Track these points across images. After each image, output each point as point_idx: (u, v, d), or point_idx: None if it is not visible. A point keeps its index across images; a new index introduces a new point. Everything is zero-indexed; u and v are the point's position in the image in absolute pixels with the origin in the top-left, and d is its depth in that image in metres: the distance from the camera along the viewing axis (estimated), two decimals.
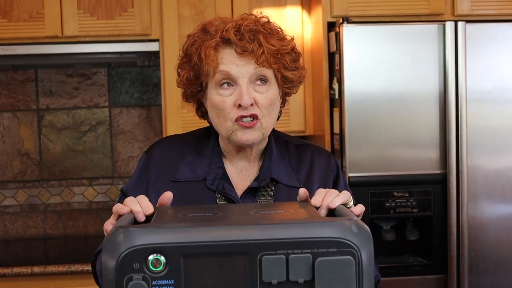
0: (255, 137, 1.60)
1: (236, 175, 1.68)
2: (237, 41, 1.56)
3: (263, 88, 1.59)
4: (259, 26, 1.58)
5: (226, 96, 1.58)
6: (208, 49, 1.57)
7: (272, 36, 1.59)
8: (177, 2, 3.28)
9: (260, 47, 1.56)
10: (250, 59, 1.56)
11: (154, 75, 3.74)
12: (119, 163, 3.75)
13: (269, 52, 1.56)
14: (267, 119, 1.60)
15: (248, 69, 1.57)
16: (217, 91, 1.59)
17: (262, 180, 1.64)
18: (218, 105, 1.59)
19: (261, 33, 1.57)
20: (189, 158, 1.68)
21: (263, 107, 1.58)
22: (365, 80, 2.92)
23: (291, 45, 1.63)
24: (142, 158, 1.72)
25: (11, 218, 3.73)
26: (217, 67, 1.57)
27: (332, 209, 1.34)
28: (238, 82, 1.57)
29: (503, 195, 2.98)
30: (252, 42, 1.56)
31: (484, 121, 2.95)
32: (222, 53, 1.58)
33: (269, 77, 1.59)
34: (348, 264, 1.10)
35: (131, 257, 1.08)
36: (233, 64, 1.57)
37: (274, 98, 1.61)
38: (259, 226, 1.12)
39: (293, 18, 3.34)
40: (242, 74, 1.57)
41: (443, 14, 3.09)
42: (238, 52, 1.56)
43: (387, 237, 2.94)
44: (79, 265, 3.07)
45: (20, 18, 3.25)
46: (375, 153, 2.93)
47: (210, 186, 1.63)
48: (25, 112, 3.71)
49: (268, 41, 1.57)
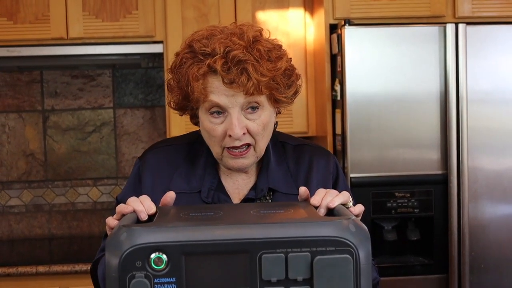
0: (247, 163, 1.57)
1: (232, 184, 1.64)
2: (224, 74, 1.46)
3: (255, 115, 1.53)
4: (247, 54, 1.47)
5: (217, 124, 1.52)
6: (195, 80, 1.49)
7: (262, 63, 1.48)
8: (181, 4, 3.30)
9: (249, 80, 1.46)
10: (238, 91, 1.48)
11: (158, 77, 3.76)
12: (123, 163, 3.78)
13: (259, 82, 1.47)
14: (260, 143, 1.56)
15: (238, 99, 1.49)
16: (208, 118, 1.53)
17: (260, 190, 1.61)
18: (210, 132, 1.54)
19: (249, 63, 1.46)
20: (183, 168, 1.64)
21: (255, 134, 1.53)
22: (366, 82, 2.93)
23: (284, 66, 1.53)
24: (136, 165, 1.68)
25: (16, 218, 3.76)
26: (206, 96, 1.49)
27: (331, 209, 1.34)
28: (228, 111, 1.50)
29: (504, 195, 2.99)
30: (240, 75, 1.46)
31: (485, 122, 2.97)
32: (210, 82, 1.49)
33: (261, 102, 1.52)
34: (346, 262, 1.11)
35: (133, 255, 1.10)
36: (222, 95, 1.49)
37: (268, 120, 1.55)
38: (259, 225, 1.14)
39: (295, 20, 3.36)
40: (232, 104, 1.49)
41: (444, 16, 3.11)
42: (226, 83, 1.47)
43: (389, 237, 2.95)
44: (84, 265, 3.09)
45: (25, 20, 3.27)
46: (376, 154, 2.94)
47: (205, 199, 1.59)
48: (31, 113, 3.74)
49: (258, 71, 1.47)
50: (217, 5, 3.31)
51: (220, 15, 3.29)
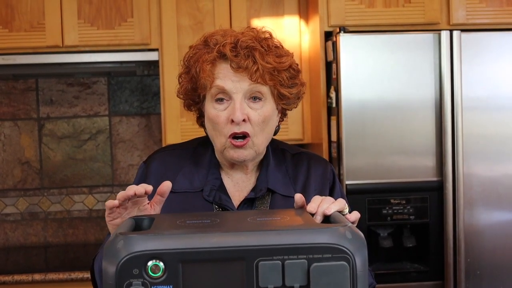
0: (246, 155, 1.62)
1: (233, 186, 1.70)
2: (232, 57, 1.57)
3: (257, 105, 1.60)
4: (256, 43, 1.59)
5: (221, 110, 1.60)
6: (205, 63, 1.58)
7: (269, 53, 1.59)
8: (176, 12, 3.31)
9: (254, 64, 1.56)
10: (244, 76, 1.57)
11: (154, 84, 3.77)
12: (118, 171, 3.78)
13: (264, 70, 1.57)
14: (259, 136, 1.62)
15: (242, 85, 1.58)
16: (213, 104, 1.61)
17: (259, 190, 1.66)
18: (213, 119, 1.61)
19: (257, 50, 1.57)
20: (187, 168, 1.70)
21: (255, 124, 1.60)
22: (362, 89, 2.94)
23: (289, 62, 1.62)
24: (141, 168, 1.74)
25: (12, 226, 3.75)
26: (213, 81, 1.58)
27: (327, 216, 1.35)
28: (232, 97, 1.58)
29: (499, 202, 3.00)
30: (247, 59, 1.56)
31: (480, 128, 2.98)
32: (218, 68, 1.59)
33: (264, 93, 1.60)
34: (342, 269, 1.12)
35: (130, 263, 1.10)
36: (228, 80, 1.58)
37: (269, 115, 1.62)
38: (256, 232, 1.14)
39: (290, 27, 3.37)
40: (236, 90, 1.58)
41: (439, 23, 3.12)
42: (233, 67, 1.57)
43: (384, 244, 2.95)
44: (79, 273, 3.08)
45: (21, 28, 3.28)
46: (372, 161, 2.95)
47: (207, 197, 1.65)
48: (26, 121, 3.74)
49: (264, 59, 1.57)
50: (212, 12, 3.32)
51: (215, 22, 3.29)
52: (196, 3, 3.32)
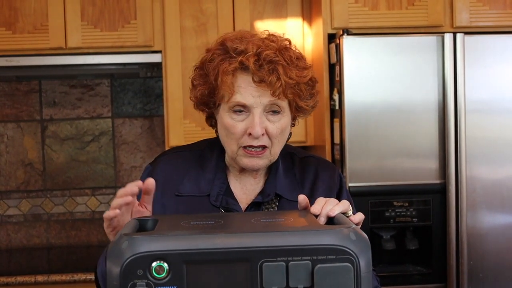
0: (261, 164, 1.62)
1: (240, 189, 1.68)
2: (255, 71, 1.53)
3: (275, 117, 1.58)
4: (279, 56, 1.55)
5: (238, 121, 1.58)
6: (225, 75, 1.55)
7: (292, 68, 1.56)
8: (179, 14, 3.31)
9: (278, 80, 1.53)
10: (266, 91, 1.54)
11: (157, 86, 3.77)
12: (121, 173, 3.78)
13: (286, 85, 1.54)
14: (276, 147, 1.61)
15: (263, 100, 1.55)
16: (230, 114, 1.58)
17: (267, 195, 1.65)
18: (229, 129, 1.59)
19: (281, 65, 1.54)
20: (193, 172, 1.68)
21: (273, 136, 1.58)
22: (365, 91, 2.94)
23: (309, 75, 1.60)
24: (147, 170, 1.72)
25: (15, 227, 3.76)
26: (233, 95, 1.55)
27: (331, 217, 1.35)
28: (252, 111, 1.56)
29: (502, 204, 2.99)
30: (271, 74, 1.53)
31: (483, 131, 2.97)
32: (239, 80, 1.56)
33: (283, 107, 1.58)
34: (346, 271, 1.12)
35: (135, 263, 1.10)
36: (249, 95, 1.55)
37: (286, 126, 1.61)
38: (260, 234, 1.15)
39: (294, 29, 3.37)
40: (257, 104, 1.55)
41: (442, 26, 3.12)
42: (255, 81, 1.54)
43: (387, 246, 2.95)
44: (82, 274, 3.08)
45: (24, 30, 3.28)
46: (375, 163, 2.95)
47: (214, 202, 1.63)
48: (29, 122, 3.74)
49: (287, 74, 1.54)
50: (215, 14, 3.32)
51: (218, 24, 3.30)
52: (200, 5, 3.32)
